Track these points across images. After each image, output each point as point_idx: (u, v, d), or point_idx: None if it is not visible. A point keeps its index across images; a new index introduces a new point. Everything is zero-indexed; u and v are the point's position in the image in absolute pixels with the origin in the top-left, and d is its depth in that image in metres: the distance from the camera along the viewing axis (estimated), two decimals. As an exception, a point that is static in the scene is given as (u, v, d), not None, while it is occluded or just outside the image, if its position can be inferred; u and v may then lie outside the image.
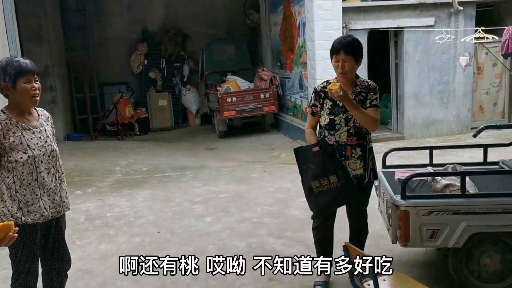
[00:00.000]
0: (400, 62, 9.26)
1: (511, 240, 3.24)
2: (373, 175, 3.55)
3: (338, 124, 3.41)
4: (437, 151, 7.12)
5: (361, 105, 3.37)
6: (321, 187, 3.35)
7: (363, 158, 3.44)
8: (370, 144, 3.53)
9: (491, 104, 9.73)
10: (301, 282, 3.81)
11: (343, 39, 3.35)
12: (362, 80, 3.49)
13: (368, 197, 3.65)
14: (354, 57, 3.30)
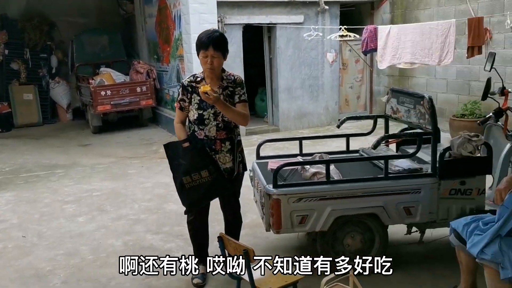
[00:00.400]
0: (274, 57, 9.64)
1: (370, 221, 3.58)
2: (242, 167, 3.63)
3: (207, 119, 3.41)
4: (309, 141, 7.65)
5: (229, 100, 3.41)
6: (193, 182, 3.34)
7: (232, 152, 3.49)
8: (239, 137, 3.59)
9: (355, 97, 10.59)
10: (179, 278, 3.80)
11: (211, 34, 3.30)
12: (228, 74, 3.51)
13: (239, 189, 3.71)
14: (222, 53, 3.32)
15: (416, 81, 9.58)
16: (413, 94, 3.92)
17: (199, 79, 3.46)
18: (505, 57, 7.50)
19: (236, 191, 3.70)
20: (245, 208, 5.17)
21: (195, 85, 3.43)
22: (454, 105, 8.52)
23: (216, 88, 3.38)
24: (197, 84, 3.42)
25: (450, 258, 3.33)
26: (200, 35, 3.34)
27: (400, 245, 4.08)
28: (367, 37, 8.11)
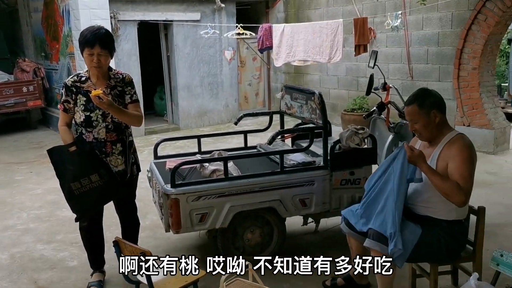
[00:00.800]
0: (172, 55, 9.50)
1: (268, 214, 3.67)
2: (136, 168, 3.53)
3: (95, 121, 3.23)
4: (210, 139, 7.70)
5: (118, 100, 3.26)
6: (83, 188, 3.18)
7: (124, 153, 3.36)
8: (130, 138, 3.46)
9: (253, 94, 10.80)
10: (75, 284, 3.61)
11: (97, 31, 3.12)
12: (116, 73, 3.35)
13: (134, 191, 3.61)
14: (110, 51, 3.18)
15: (311, 78, 10.02)
16: (304, 90, 4.09)
17: (84, 79, 3.26)
18: (387, 54, 8.12)
19: (131, 194, 3.58)
20: (144, 209, 5.07)
21: (79, 85, 3.23)
22: (345, 100, 9.05)
23: (103, 88, 3.21)
24: (81, 84, 3.24)
25: (343, 245, 3.52)
26: (84, 31, 3.15)
27: (298, 236, 4.25)
28: (262, 35, 8.29)
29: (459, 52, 6.96)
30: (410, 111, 2.87)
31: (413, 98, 2.91)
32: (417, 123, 2.85)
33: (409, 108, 2.88)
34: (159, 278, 2.80)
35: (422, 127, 2.85)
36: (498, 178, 5.78)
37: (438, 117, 2.84)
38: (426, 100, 2.85)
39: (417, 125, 2.86)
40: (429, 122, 2.83)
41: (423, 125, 2.84)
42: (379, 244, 2.77)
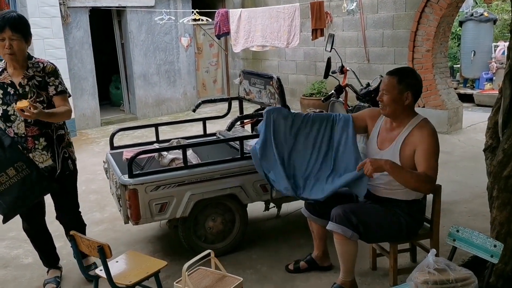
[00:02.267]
0: (126, 43, 9.24)
1: (229, 201, 3.63)
2: (72, 164, 3.24)
3: (12, 115, 2.97)
4: (169, 127, 7.56)
5: (37, 91, 2.99)
6: (2, 186, 2.88)
7: (50, 148, 3.08)
8: (61, 131, 3.17)
9: (211, 81, 10.68)
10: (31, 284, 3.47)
11: (7, 14, 2.87)
12: (36, 62, 3.04)
13: (71, 189, 3.32)
14: (23, 35, 2.89)
15: (269, 64, 9.99)
16: (263, 75, 4.05)
17: (0, 70, 3.02)
18: (344, 38, 8.18)
19: (67, 192, 3.28)
20: (103, 202, 4.95)
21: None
22: (304, 85, 9.08)
23: (19, 78, 2.97)
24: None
25: (304, 229, 3.54)
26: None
27: (260, 222, 4.24)
28: (219, 20, 8.18)
29: (413, 34, 7.10)
30: (388, 81, 2.84)
31: (396, 71, 2.91)
32: (387, 95, 2.82)
33: (389, 78, 2.85)
34: (119, 271, 2.73)
35: (389, 101, 2.82)
36: (452, 157, 5.97)
37: (409, 100, 2.83)
38: (407, 79, 2.84)
39: (386, 97, 2.83)
40: (398, 99, 2.81)
41: (392, 99, 2.81)
42: (341, 227, 2.79)
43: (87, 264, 3.41)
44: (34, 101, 2.93)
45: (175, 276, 3.26)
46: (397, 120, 2.89)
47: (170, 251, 3.80)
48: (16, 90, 2.96)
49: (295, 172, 3.12)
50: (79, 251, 2.68)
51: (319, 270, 3.34)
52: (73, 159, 3.27)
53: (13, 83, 2.98)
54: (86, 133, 8.39)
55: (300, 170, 3.12)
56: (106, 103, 10.23)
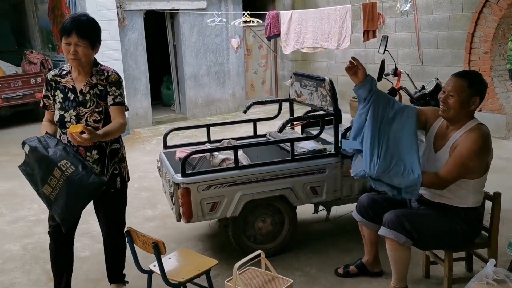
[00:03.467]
0: (178, 44, 9.44)
1: (279, 203, 3.64)
2: (120, 182, 2.95)
3: (68, 122, 2.79)
4: (218, 128, 7.64)
5: (97, 100, 2.79)
6: (54, 190, 2.64)
7: (101, 162, 2.85)
8: (116, 145, 2.93)
9: (260, 82, 10.73)
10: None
11: (77, 17, 2.72)
12: (101, 69, 2.86)
13: (118, 209, 3.05)
14: (90, 41, 2.70)
15: (318, 65, 9.92)
16: (314, 77, 4.03)
17: (65, 73, 2.86)
18: (397, 40, 8.01)
19: (112, 212, 3.03)
20: (154, 199, 5.08)
21: (59, 79, 2.84)
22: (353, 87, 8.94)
23: (82, 85, 2.80)
24: (61, 79, 2.84)
25: (354, 233, 3.50)
26: (66, 18, 2.76)
27: (309, 224, 4.23)
28: (269, 22, 8.20)
29: (470, 36, 6.85)
30: (457, 83, 2.72)
31: (465, 74, 2.81)
32: (454, 97, 2.70)
33: (458, 80, 2.73)
34: (171, 268, 2.80)
35: (456, 104, 2.70)
36: (511, 163, 5.71)
37: (475, 105, 2.74)
38: (478, 84, 2.74)
39: (452, 100, 2.71)
40: (466, 103, 2.71)
41: (459, 102, 2.70)
42: (394, 233, 2.74)
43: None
44: (93, 111, 2.78)
45: (224, 275, 3.31)
46: (455, 124, 2.80)
47: (219, 250, 3.86)
48: (76, 96, 2.79)
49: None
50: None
51: (370, 275, 3.29)
52: (123, 176, 2.99)
53: (75, 89, 2.82)
54: (139, 132, 8.64)
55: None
56: (157, 103, 10.50)
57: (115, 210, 3.04)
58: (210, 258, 2.92)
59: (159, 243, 2.56)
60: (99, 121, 2.80)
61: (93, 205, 3.03)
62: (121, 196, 3.03)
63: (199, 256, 2.99)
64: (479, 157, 2.68)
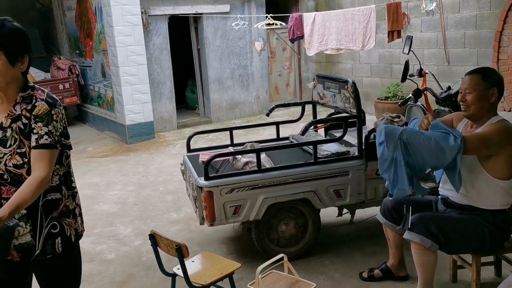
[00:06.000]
0: (202, 48, 9.52)
1: (302, 206, 3.62)
2: (61, 244, 2.07)
3: None
4: (242, 131, 7.70)
5: (22, 139, 1.97)
6: None
7: (30, 219, 2.02)
8: (54, 195, 2.05)
9: (284, 85, 10.71)
10: (113, 278, 3.67)
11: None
12: (30, 95, 2.02)
13: (64, 280, 2.17)
14: (6, 54, 1.94)
15: (343, 67, 9.85)
16: (337, 79, 4.00)
17: None
18: (422, 40, 7.88)
19: (57, 285, 2.17)
20: (179, 203, 5.13)
21: None
22: (378, 88, 8.85)
23: (3, 117, 2.01)
24: None
25: (379, 237, 3.45)
26: None
27: (333, 227, 4.19)
28: (293, 25, 8.19)
29: (499, 34, 6.68)
30: (471, 80, 2.68)
31: (477, 69, 2.77)
32: (471, 93, 2.66)
33: (471, 77, 2.70)
34: (195, 271, 2.81)
35: (474, 99, 2.66)
36: (543, 165, 5.54)
37: (494, 97, 2.67)
38: (492, 76, 2.70)
39: (470, 96, 2.67)
40: (484, 96, 2.65)
41: (478, 97, 2.65)
42: (420, 236, 2.69)
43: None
44: (14, 152, 1.97)
45: (248, 278, 3.31)
46: (478, 121, 2.73)
47: (242, 253, 3.86)
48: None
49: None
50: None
51: (395, 279, 3.24)
52: (66, 236, 2.10)
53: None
54: (164, 136, 8.74)
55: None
56: (182, 106, 10.60)
57: (57, 283, 2.17)
58: (233, 262, 2.93)
59: (182, 246, 2.58)
60: (21, 166, 1.97)
61: (120, 212, 2.81)
62: (65, 264, 2.15)
63: (222, 259, 3.00)
64: (502, 137, 2.59)
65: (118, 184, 6.02)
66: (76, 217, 2.17)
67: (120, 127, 8.47)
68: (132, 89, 8.22)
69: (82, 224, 2.23)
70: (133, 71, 8.18)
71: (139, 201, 5.32)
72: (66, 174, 2.12)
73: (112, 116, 8.81)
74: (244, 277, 3.39)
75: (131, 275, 3.67)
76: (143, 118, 8.37)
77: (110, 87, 8.75)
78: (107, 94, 9.03)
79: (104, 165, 6.98)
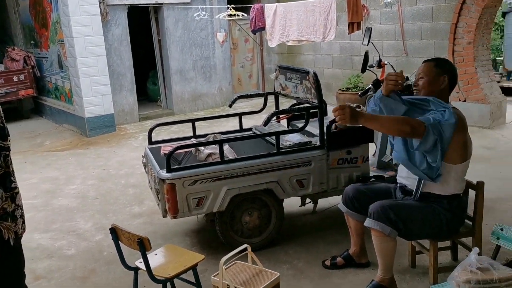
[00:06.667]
0: (163, 39, 9.36)
1: (265, 196, 3.63)
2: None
3: None
4: (205, 122, 7.64)
5: None
6: None
7: None
8: None
9: (247, 76, 10.69)
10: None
11: None
12: None
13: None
14: None
15: (304, 58, 9.92)
16: (299, 70, 4.02)
17: None
18: (382, 32, 8.03)
19: None
20: (141, 196, 5.05)
21: None
22: (340, 79, 8.97)
23: None
24: None
25: (341, 225, 3.51)
26: None
27: (296, 217, 4.23)
28: (254, 16, 8.16)
29: (454, 26, 6.89)
30: (425, 66, 2.86)
31: (434, 58, 2.97)
32: (423, 78, 2.83)
33: (426, 64, 2.88)
34: (158, 264, 2.78)
35: (426, 83, 2.82)
36: (495, 153, 5.77)
37: (445, 84, 2.81)
38: (445, 65, 2.87)
39: (422, 80, 2.83)
40: (435, 81, 2.81)
41: (428, 81, 2.81)
42: (379, 224, 2.75)
43: None
44: None
45: (212, 269, 3.30)
46: None
47: (207, 245, 3.85)
48: None
49: None
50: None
51: (357, 266, 3.30)
52: (4, 241, 1.96)
53: None
54: (125, 128, 8.57)
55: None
56: (143, 98, 10.42)
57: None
58: (197, 254, 2.91)
59: (144, 240, 2.54)
60: None
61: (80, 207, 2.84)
62: (2, 270, 1.99)
63: (186, 252, 2.98)
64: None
65: (78, 178, 5.87)
66: (16, 219, 2.02)
67: (79, 120, 8.24)
68: (91, 81, 8.01)
69: (23, 225, 2.09)
70: (92, 62, 7.97)
71: (100, 195, 5.21)
72: (5, 175, 1.97)
73: (70, 109, 8.56)
74: (208, 269, 3.38)
75: (92, 270, 3.60)
76: (103, 111, 8.17)
77: (67, 79, 8.49)
78: (65, 86, 8.76)
79: (63, 159, 6.78)
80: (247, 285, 2.63)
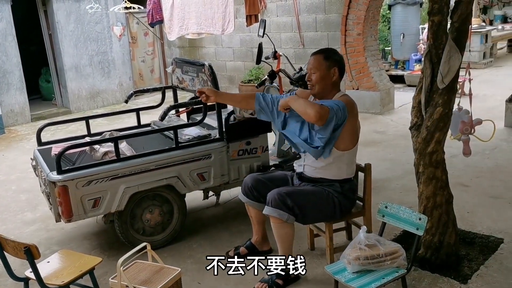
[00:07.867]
0: (54, 33, 8.81)
1: (166, 192, 3.57)
2: None
3: None
4: (105, 120, 7.31)
5: None
6: None
7: None
8: None
9: (148, 71, 10.42)
10: None
11: None
12: None
13: None
14: None
15: (206, 51, 9.88)
16: (194, 62, 3.99)
17: None
18: (279, 24, 8.22)
19: None
20: (34, 201, 4.73)
21: None
22: (242, 72, 9.07)
23: None
24: None
25: (244, 215, 3.55)
26: None
27: (199, 211, 4.22)
28: (151, 8, 7.94)
29: (345, 19, 7.25)
30: (315, 59, 2.92)
31: (320, 50, 3.00)
32: (315, 73, 2.89)
33: (315, 57, 2.93)
34: (50, 271, 2.62)
35: (319, 78, 2.89)
36: (385, 136, 6.19)
37: (336, 76, 2.92)
38: (333, 56, 2.94)
39: (315, 76, 2.90)
40: (327, 76, 2.89)
41: (321, 76, 2.89)
42: (277, 211, 2.82)
43: None
44: None
45: (113, 271, 3.16)
46: (325, 99, 2.93)
47: (108, 246, 3.70)
48: None
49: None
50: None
51: (259, 254, 3.36)
52: None
53: None
54: (16, 130, 7.97)
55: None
56: (36, 97, 9.76)
57: None
58: (93, 257, 2.80)
59: (31, 247, 2.38)
60: None
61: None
62: None
63: (82, 256, 2.84)
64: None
65: (-39, 187, 5.35)
66: None
67: (-39, 123, 7.52)
68: (-27, 80, 7.33)
69: None
70: (-28, 59, 7.29)
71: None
72: None
73: (-50, 112, 7.77)
74: (108, 271, 3.25)
75: (-21, 286, 3.31)
76: (-12, 112, 7.53)
77: None
78: None
79: None
80: (148, 283, 2.57)
